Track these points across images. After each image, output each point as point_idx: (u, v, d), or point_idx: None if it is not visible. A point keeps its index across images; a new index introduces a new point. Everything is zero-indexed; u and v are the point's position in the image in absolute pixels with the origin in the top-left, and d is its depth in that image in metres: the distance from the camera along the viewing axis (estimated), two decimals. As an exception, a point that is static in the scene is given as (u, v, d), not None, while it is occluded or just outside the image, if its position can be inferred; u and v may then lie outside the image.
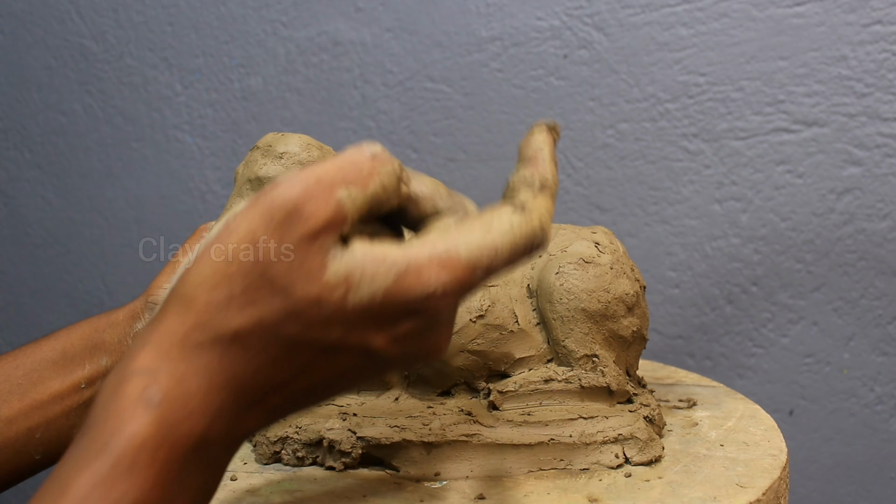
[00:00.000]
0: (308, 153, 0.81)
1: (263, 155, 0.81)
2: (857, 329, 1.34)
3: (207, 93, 1.53)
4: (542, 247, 0.48)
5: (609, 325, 0.82)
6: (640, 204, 1.39)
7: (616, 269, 0.84)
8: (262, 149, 0.81)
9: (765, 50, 1.30)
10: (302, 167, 0.78)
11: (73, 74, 1.60)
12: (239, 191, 0.81)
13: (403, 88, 1.45)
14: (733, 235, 1.35)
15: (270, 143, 0.81)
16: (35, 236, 1.68)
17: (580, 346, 0.81)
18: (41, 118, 1.63)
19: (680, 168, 1.36)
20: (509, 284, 0.84)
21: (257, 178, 0.80)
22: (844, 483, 1.37)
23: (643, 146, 1.37)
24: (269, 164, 0.80)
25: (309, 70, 1.48)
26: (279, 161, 0.80)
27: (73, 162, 1.63)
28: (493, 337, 0.82)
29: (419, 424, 0.76)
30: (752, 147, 1.33)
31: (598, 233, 0.88)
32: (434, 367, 0.82)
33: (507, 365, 0.83)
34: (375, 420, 0.77)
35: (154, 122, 1.58)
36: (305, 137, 0.83)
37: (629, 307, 0.84)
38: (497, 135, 1.42)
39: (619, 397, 0.82)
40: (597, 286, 0.82)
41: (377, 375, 0.49)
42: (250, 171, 0.80)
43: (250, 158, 0.82)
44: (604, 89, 1.37)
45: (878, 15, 1.26)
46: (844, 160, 1.30)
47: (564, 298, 0.81)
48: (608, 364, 0.82)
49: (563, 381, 0.81)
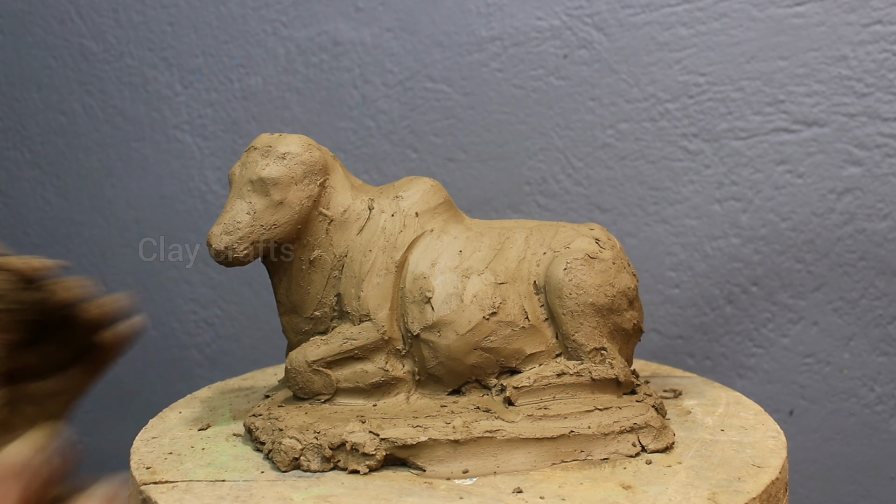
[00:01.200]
0: (310, 154, 0.82)
1: (264, 155, 0.81)
2: (858, 329, 1.33)
3: (207, 93, 1.53)
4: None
5: (614, 318, 0.83)
6: (640, 204, 1.38)
7: (618, 264, 0.85)
8: (262, 149, 0.81)
9: (765, 50, 1.29)
10: (304, 166, 0.80)
11: (73, 74, 1.59)
12: (239, 192, 0.81)
13: (403, 88, 1.44)
14: (733, 235, 1.34)
15: (270, 144, 0.81)
16: (35, 236, 1.67)
17: (589, 339, 0.82)
18: (41, 118, 1.63)
19: (680, 168, 1.35)
20: (517, 282, 0.84)
21: (260, 180, 0.80)
22: (844, 483, 1.36)
23: (643, 146, 1.36)
24: (271, 164, 0.80)
25: (309, 70, 1.48)
26: (282, 162, 0.80)
27: (73, 162, 1.63)
28: (506, 333, 0.82)
29: (441, 423, 0.76)
30: (752, 147, 1.31)
31: (595, 229, 0.89)
32: (447, 366, 0.82)
33: (519, 361, 0.83)
34: (395, 421, 0.77)
35: (154, 122, 1.57)
36: (304, 138, 0.83)
37: (630, 301, 0.85)
38: (497, 135, 1.41)
39: (626, 388, 0.84)
40: (603, 281, 0.83)
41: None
42: (251, 173, 0.80)
43: (249, 159, 0.82)
44: (604, 89, 1.36)
45: (879, 15, 1.24)
46: (844, 160, 1.28)
47: (574, 293, 0.82)
48: (615, 356, 0.83)
49: (574, 375, 0.81)
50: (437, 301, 0.82)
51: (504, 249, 0.86)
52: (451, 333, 0.82)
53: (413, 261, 0.84)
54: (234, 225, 0.80)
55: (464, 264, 0.84)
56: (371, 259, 0.83)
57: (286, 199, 0.81)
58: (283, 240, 0.82)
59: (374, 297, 0.83)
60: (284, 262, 0.85)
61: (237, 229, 0.80)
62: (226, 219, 0.80)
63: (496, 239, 0.87)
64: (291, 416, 0.80)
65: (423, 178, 0.89)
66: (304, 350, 0.84)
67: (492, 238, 0.87)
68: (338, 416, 0.79)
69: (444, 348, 0.82)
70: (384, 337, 0.83)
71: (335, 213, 0.84)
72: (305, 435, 0.76)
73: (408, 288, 0.83)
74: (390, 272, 0.83)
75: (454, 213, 0.89)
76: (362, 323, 0.83)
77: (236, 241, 0.79)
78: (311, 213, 0.83)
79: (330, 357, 0.83)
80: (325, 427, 0.77)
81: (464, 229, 0.88)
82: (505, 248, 0.86)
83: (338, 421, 0.78)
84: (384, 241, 0.84)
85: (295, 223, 0.82)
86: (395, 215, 0.85)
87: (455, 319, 0.81)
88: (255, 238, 0.80)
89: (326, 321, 0.85)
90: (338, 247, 0.84)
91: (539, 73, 1.38)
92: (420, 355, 0.83)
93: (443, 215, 0.87)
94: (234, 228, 0.80)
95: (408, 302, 0.83)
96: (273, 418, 0.81)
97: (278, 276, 0.86)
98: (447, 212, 0.88)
